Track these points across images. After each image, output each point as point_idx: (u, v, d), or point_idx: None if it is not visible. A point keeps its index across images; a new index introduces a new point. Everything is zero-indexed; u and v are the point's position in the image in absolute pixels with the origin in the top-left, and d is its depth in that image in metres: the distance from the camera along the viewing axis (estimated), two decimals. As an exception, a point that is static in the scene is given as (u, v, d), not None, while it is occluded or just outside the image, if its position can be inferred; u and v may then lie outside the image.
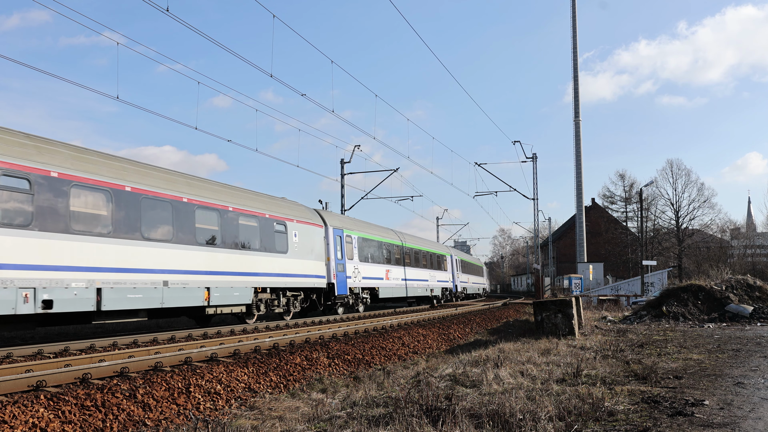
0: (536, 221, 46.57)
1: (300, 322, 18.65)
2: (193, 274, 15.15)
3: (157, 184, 14.50)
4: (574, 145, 62.85)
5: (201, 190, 16.24)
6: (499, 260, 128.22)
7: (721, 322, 18.83)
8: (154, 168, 15.29)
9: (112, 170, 13.39)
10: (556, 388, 7.56)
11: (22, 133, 11.92)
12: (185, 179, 16.08)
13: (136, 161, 14.91)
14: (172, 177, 15.55)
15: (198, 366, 8.78)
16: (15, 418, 5.91)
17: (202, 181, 16.99)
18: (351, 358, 11.31)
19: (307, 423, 6.32)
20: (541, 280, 45.00)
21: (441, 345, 15.11)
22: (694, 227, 62.15)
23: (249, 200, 18.27)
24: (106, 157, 13.73)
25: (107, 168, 13.26)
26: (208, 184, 17.04)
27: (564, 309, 14.56)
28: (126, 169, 13.93)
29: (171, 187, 14.99)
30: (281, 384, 9.05)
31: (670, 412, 6.25)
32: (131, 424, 6.55)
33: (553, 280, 67.53)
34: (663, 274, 45.56)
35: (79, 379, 7.48)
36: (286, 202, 21.11)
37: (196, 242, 15.46)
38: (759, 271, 43.38)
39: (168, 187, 14.84)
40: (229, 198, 17.33)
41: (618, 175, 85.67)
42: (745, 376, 8.64)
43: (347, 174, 38.26)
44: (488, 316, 23.46)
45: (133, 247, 13.45)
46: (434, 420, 5.87)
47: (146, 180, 14.24)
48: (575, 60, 63.21)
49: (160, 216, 14.37)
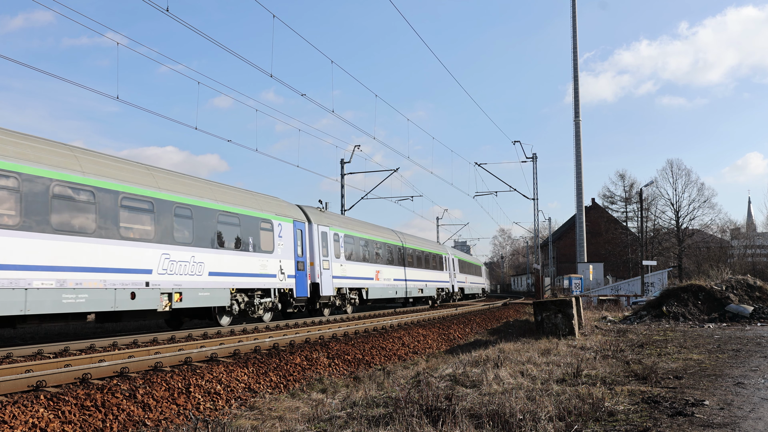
0: (536, 221, 46.58)
1: (300, 323, 18.64)
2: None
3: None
4: (574, 145, 62.94)
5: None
6: (499, 260, 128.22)
7: (721, 322, 18.83)
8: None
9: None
10: (556, 388, 7.56)
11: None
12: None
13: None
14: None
15: (198, 366, 8.78)
16: (15, 418, 5.91)
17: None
18: (351, 358, 11.31)
19: (307, 423, 6.32)
20: (541, 280, 45.00)
21: (441, 345, 15.11)
22: (694, 227, 62.19)
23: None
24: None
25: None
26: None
27: (564, 309, 14.56)
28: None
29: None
30: (281, 384, 9.05)
31: (671, 412, 6.25)
32: (131, 424, 6.55)
33: (553, 280, 67.51)
34: (663, 275, 45.58)
35: (79, 379, 7.48)
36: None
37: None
38: (759, 271, 43.41)
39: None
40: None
41: (618, 175, 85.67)
42: (745, 376, 8.64)
43: (347, 174, 38.31)
44: (488, 316, 23.46)
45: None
46: (434, 420, 5.87)
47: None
48: (575, 60, 63.28)
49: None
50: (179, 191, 15.35)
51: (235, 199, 17.68)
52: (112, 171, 13.61)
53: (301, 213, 21.30)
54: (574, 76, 63.51)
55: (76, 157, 12.89)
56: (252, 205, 18.28)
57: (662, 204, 62.37)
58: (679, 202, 60.98)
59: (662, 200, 62.25)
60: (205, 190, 16.53)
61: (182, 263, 14.96)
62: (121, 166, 14.10)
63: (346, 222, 25.55)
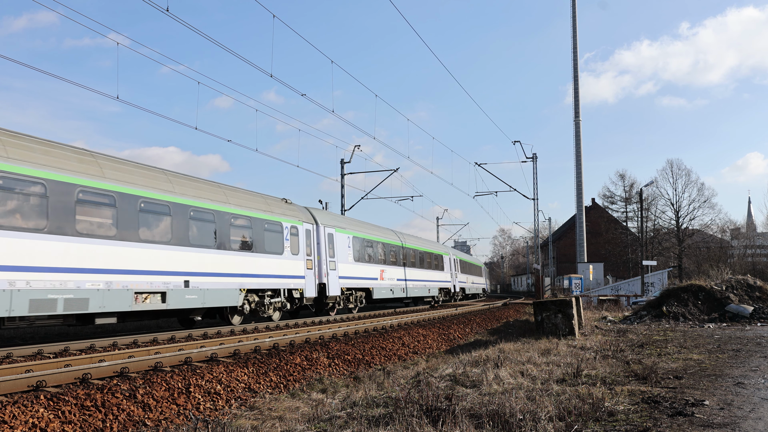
0: (536, 221, 46.59)
1: (300, 323, 18.64)
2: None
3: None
4: (574, 145, 62.89)
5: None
6: (499, 260, 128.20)
7: (722, 322, 18.83)
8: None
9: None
10: (556, 388, 7.56)
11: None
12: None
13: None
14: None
15: (198, 366, 8.78)
16: (15, 418, 5.91)
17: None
18: (351, 358, 11.31)
19: (307, 423, 6.31)
20: (541, 280, 45.01)
21: (441, 345, 15.11)
22: (694, 227, 62.17)
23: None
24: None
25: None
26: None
27: (564, 309, 14.56)
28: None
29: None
30: (281, 384, 9.05)
31: (671, 412, 6.25)
32: (131, 424, 6.55)
33: (553, 280, 67.51)
34: (663, 275, 45.56)
35: (79, 379, 7.48)
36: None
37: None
38: (759, 271, 43.36)
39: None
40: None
41: (618, 175, 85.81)
42: (745, 376, 8.64)
43: (347, 174, 38.32)
44: (488, 316, 23.46)
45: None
46: (434, 420, 5.87)
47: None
48: (575, 60, 63.27)
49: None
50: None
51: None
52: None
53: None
54: (574, 75, 63.57)
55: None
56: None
57: (662, 204, 62.42)
58: (679, 202, 61.03)
59: (662, 200, 62.30)
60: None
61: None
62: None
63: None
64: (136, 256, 13.43)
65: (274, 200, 20.08)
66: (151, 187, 14.25)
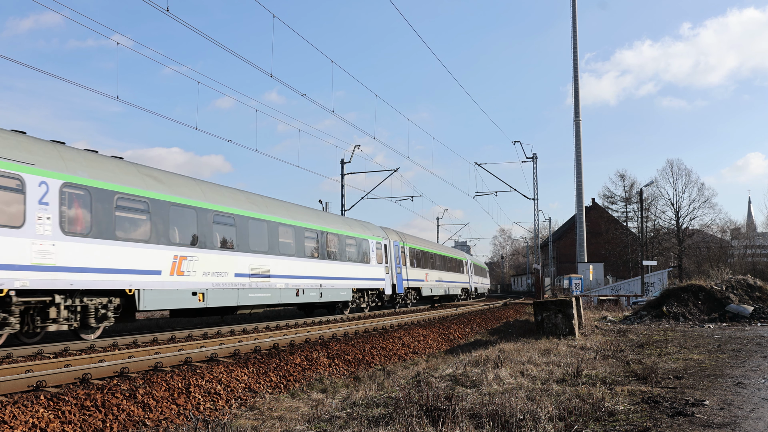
0: (536, 221, 46.60)
1: (307, 321, 18.67)
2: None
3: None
4: (574, 145, 62.88)
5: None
6: (499, 260, 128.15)
7: (722, 322, 18.82)
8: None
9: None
10: (557, 389, 7.56)
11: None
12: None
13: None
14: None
15: (198, 366, 8.78)
16: (15, 418, 5.91)
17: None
18: (351, 358, 11.31)
19: (307, 423, 6.31)
20: (542, 280, 45.04)
21: (441, 345, 15.10)
22: (694, 227, 62.13)
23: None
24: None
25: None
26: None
27: (564, 309, 14.55)
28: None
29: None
30: (281, 384, 9.05)
31: (671, 412, 6.25)
32: (131, 424, 6.55)
33: (554, 280, 67.49)
34: (663, 275, 45.57)
35: (79, 379, 7.48)
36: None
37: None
38: (759, 271, 43.31)
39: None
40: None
41: (618, 175, 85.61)
42: (745, 376, 8.64)
43: (347, 174, 38.34)
44: (488, 316, 23.45)
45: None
46: (434, 420, 5.87)
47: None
48: (575, 60, 63.27)
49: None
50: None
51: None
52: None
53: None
54: (574, 75, 63.56)
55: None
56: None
57: (662, 204, 62.36)
58: (679, 202, 60.97)
59: (662, 200, 62.23)
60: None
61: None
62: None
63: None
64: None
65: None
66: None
